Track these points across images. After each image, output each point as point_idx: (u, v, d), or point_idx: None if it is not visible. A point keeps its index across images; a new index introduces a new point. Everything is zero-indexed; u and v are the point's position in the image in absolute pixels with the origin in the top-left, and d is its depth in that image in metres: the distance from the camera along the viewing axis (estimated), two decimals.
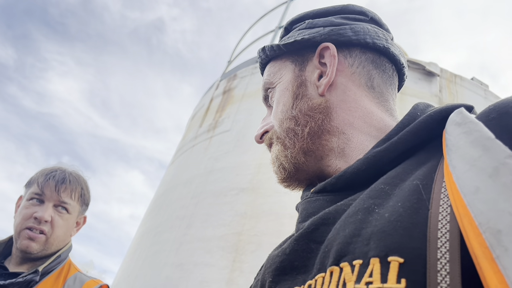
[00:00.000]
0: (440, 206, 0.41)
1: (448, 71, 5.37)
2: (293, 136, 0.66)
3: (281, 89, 0.71)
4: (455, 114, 0.50)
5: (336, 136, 0.65)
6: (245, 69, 5.82)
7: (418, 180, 0.46)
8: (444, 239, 0.37)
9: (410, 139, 0.54)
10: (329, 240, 0.47)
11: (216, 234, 4.01)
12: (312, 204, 0.58)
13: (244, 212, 4.04)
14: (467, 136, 0.43)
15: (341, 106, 0.66)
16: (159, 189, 5.70)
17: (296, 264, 0.50)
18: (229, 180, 4.39)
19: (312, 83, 0.68)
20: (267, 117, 0.76)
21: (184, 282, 3.82)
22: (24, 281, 1.26)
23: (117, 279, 5.10)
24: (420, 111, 0.60)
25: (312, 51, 0.70)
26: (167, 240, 4.39)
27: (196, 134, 5.54)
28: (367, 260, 0.40)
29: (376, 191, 0.49)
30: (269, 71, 0.76)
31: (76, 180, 1.44)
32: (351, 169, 0.56)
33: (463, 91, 5.27)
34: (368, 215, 0.45)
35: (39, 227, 1.33)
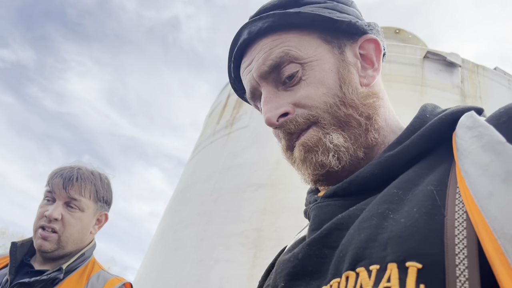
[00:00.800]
0: (455, 212, 0.40)
1: (470, 62, 5.25)
2: (357, 126, 0.59)
3: (322, 69, 0.61)
4: (466, 118, 0.49)
5: (377, 131, 0.61)
6: None
7: (431, 186, 0.45)
8: (461, 245, 0.37)
9: (422, 143, 0.53)
10: (344, 245, 0.46)
11: (236, 230, 4.01)
12: (324, 210, 0.56)
13: (263, 207, 4.03)
14: (478, 140, 0.43)
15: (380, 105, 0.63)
16: (179, 186, 5.74)
17: (309, 270, 0.49)
18: (248, 176, 4.39)
19: (355, 71, 0.63)
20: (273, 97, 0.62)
21: (205, 278, 3.84)
22: (48, 278, 1.27)
23: (139, 275, 5.16)
24: (429, 113, 0.59)
25: (349, 37, 0.65)
26: (187, 236, 4.42)
27: (214, 131, 5.55)
28: (385, 265, 0.39)
29: (389, 195, 0.48)
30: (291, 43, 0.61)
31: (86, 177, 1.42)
32: (363, 174, 0.54)
33: (486, 81, 5.14)
34: (383, 220, 0.44)
35: (50, 226, 1.33)
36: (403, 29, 7.95)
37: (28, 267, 1.35)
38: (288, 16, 0.62)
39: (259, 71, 0.62)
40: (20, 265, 1.36)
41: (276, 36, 0.62)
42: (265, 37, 0.63)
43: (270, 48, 0.62)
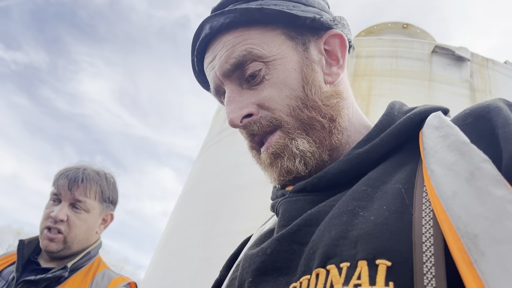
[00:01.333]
0: (422, 211, 0.41)
1: (480, 55, 5.17)
2: (321, 129, 0.59)
3: (286, 68, 0.59)
4: (433, 117, 0.50)
5: (342, 132, 0.61)
6: None
7: (400, 184, 0.46)
8: (428, 243, 0.38)
9: (391, 141, 0.54)
10: (314, 242, 0.46)
11: (243, 228, 4.01)
12: (293, 205, 0.55)
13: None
14: (444, 140, 0.44)
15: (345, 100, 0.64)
16: (187, 184, 5.76)
17: (278, 265, 0.48)
18: (255, 174, 4.38)
19: (319, 69, 0.62)
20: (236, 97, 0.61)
21: (213, 276, 3.84)
22: (53, 276, 1.29)
23: (148, 273, 5.20)
24: (397, 111, 0.60)
25: (313, 33, 0.63)
26: (195, 234, 4.43)
27: (221, 129, 5.55)
28: (355, 262, 0.40)
29: (359, 193, 0.48)
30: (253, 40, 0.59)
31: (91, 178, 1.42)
32: (332, 170, 0.54)
33: (495, 75, 5.06)
34: (353, 217, 0.45)
35: (56, 227, 1.34)
36: (411, 24, 7.87)
37: (35, 264, 1.38)
38: (250, 12, 0.59)
39: (222, 69, 0.61)
40: (27, 262, 1.39)
41: (238, 33, 0.60)
42: (228, 33, 0.61)
43: (232, 46, 0.60)
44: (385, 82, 4.74)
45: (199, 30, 0.64)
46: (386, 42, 5.22)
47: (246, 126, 0.60)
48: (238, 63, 0.60)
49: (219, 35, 0.62)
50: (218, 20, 0.61)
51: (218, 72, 0.62)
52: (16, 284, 1.29)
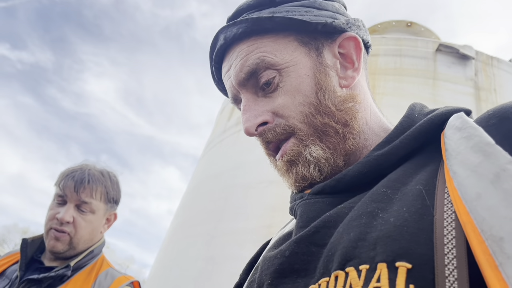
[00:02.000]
0: (444, 212, 0.40)
1: (484, 54, 5.14)
2: (335, 134, 0.59)
3: (299, 75, 0.60)
4: (455, 118, 0.49)
5: (358, 135, 0.61)
6: None
7: (421, 185, 0.45)
8: (450, 245, 0.37)
9: (411, 143, 0.53)
10: (333, 243, 0.46)
11: (246, 227, 4.02)
12: (312, 207, 0.55)
13: (274, 204, 4.03)
14: (468, 141, 0.43)
15: (362, 103, 0.63)
16: (191, 183, 5.78)
17: (296, 267, 0.48)
18: (258, 173, 4.39)
19: (333, 74, 0.62)
20: (252, 105, 0.62)
21: (216, 275, 3.86)
22: (56, 275, 1.29)
23: (153, 272, 5.22)
24: (417, 113, 0.59)
25: (327, 37, 0.63)
26: (198, 233, 4.44)
27: (224, 128, 5.56)
28: (374, 265, 0.39)
29: (378, 194, 0.48)
30: (267, 49, 0.60)
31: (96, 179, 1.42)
32: (351, 172, 0.54)
33: (500, 73, 5.03)
34: (372, 219, 0.44)
35: (61, 228, 1.34)
36: (415, 22, 7.84)
37: (38, 263, 1.39)
38: (261, 21, 0.60)
39: (237, 79, 0.62)
40: (30, 261, 1.39)
41: (251, 42, 0.61)
42: (241, 42, 0.62)
43: (246, 55, 0.61)
44: (389, 81, 4.72)
45: (214, 40, 0.65)
46: (390, 41, 5.20)
47: (261, 134, 0.61)
48: (252, 71, 0.60)
49: (233, 45, 0.63)
50: (231, 31, 0.62)
51: (234, 82, 0.63)
52: (20, 282, 1.29)
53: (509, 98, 4.82)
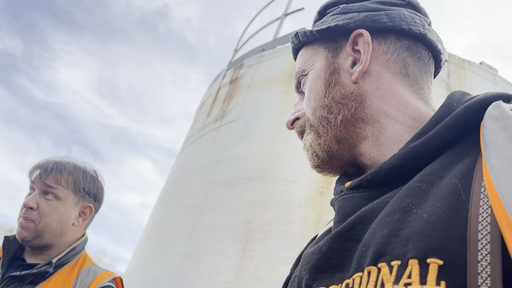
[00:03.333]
0: (480, 207, 0.40)
1: (456, 56, 5.32)
2: (326, 124, 0.65)
3: (314, 77, 0.70)
4: (493, 108, 0.47)
5: (370, 124, 0.63)
6: (251, 58, 5.81)
7: (456, 179, 0.44)
8: (484, 241, 0.36)
9: (447, 132, 0.52)
10: (367, 239, 0.46)
11: (225, 223, 4.06)
12: (349, 202, 0.57)
13: (253, 201, 4.09)
14: (505, 132, 0.42)
15: (376, 93, 0.64)
16: (169, 179, 5.77)
17: (333, 262, 0.50)
18: (238, 170, 4.43)
19: (345, 70, 0.66)
20: (298, 104, 0.75)
21: (196, 270, 3.90)
22: (38, 272, 1.29)
23: (130, 267, 5.20)
24: (456, 101, 0.58)
25: (346, 37, 0.68)
26: (177, 229, 4.46)
27: (204, 124, 5.57)
28: (406, 261, 0.39)
29: (413, 189, 0.47)
30: (302, 58, 0.74)
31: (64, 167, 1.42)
32: (387, 165, 0.54)
33: (471, 76, 5.22)
34: (406, 215, 0.44)
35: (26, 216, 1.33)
36: None
37: (20, 260, 1.39)
38: (299, 37, 0.74)
39: (294, 83, 0.77)
40: (13, 259, 1.39)
41: (301, 52, 0.76)
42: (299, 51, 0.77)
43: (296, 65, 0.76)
44: None
45: None
46: None
47: (294, 127, 0.74)
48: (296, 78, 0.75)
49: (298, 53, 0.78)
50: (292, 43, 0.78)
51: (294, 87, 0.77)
52: (2, 279, 1.30)
53: None
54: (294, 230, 3.84)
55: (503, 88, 5.36)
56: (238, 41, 7.78)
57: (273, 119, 4.68)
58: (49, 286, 1.31)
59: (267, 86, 5.11)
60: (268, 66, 5.41)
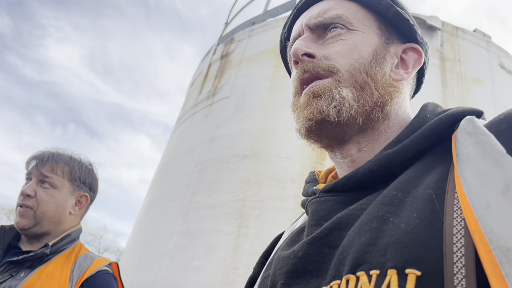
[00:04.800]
0: (454, 219, 0.41)
1: (450, 24, 5.23)
2: (370, 94, 0.62)
3: (363, 39, 0.64)
4: (466, 123, 0.49)
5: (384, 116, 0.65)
6: (241, 32, 5.70)
7: (431, 189, 0.46)
8: (459, 254, 0.37)
9: (421, 142, 0.54)
10: (344, 247, 0.47)
11: (220, 201, 4.09)
12: (323, 205, 0.57)
13: (247, 178, 4.10)
14: (478, 147, 0.43)
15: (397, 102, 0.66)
16: (163, 158, 5.76)
17: (309, 268, 0.50)
18: (231, 147, 4.42)
19: (389, 63, 0.67)
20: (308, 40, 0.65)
21: (192, 248, 3.95)
22: (35, 255, 1.33)
23: (128, 247, 5.26)
24: (429, 113, 0.61)
25: (400, 37, 0.70)
26: (173, 208, 4.49)
27: (196, 102, 5.52)
28: (384, 271, 0.40)
29: (389, 197, 0.48)
30: (351, 11, 0.66)
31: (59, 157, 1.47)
32: (362, 170, 0.55)
33: (465, 44, 5.15)
34: (383, 223, 0.45)
35: (24, 203, 1.38)
36: None
37: (16, 249, 1.42)
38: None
39: (309, 21, 0.67)
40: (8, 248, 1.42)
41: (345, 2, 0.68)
42: None
43: (328, 8, 0.67)
44: None
45: None
46: None
47: (303, 60, 0.64)
48: (326, 22, 0.66)
49: None
50: None
51: (304, 22, 0.68)
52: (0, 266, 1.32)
53: (472, 69, 4.97)
54: (289, 206, 3.87)
55: (496, 55, 5.30)
56: (228, 14, 7.63)
57: (264, 95, 4.63)
58: (48, 269, 1.33)
59: (258, 61, 5.04)
60: (259, 40, 5.32)
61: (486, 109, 5.08)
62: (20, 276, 1.29)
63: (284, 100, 4.46)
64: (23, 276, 1.29)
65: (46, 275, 1.31)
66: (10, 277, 1.29)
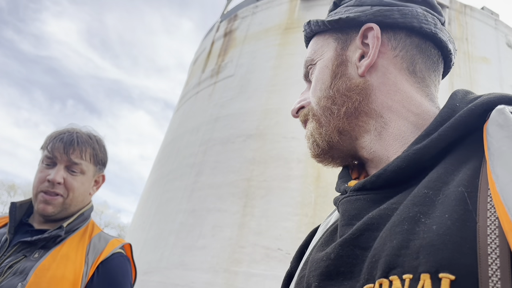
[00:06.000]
0: (487, 218, 0.40)
1: (458, 2, 5.14)
2: (329, 114, 0.66)
3: (321, 67, 0.70)
4: (497, 114, 0.47)
5: (373, 118, 0.64)
6: (246, 8, 5.60)
7: (463, 187, 0.45)
8: (494, 255, 0.37)
9: (450, 135, 0.52)
10: (376, 250, 0.47)
11: (226, 181, 4.09)
12: (353, 205, 0.57)
13: (252, 158, 4.09)
14: (510, 141, 0.42)
15: (381, 88, 0.65)
16: (166, 137, 5.74)
17: (341, 270, 0.50)
18: (236, 127, 4.40)
19: (353, 63, 0.67)
20: (305, 92, 0.75)
21: (198, 227, 3.97)
22: (50, 236, 1.30)
23: (133, 225, 5.30)
24: (459, 101, 0.58)
25: (356, 30, 0.69)
26: (178, 187, 4.50)
27: (199, 80, 5.46)
28: (417, 275, 0.40)
29: (420, 197, 0.48)
30: (312, 48, 0.74)
31: (85, 140, 1.44)
32: (391, 167, 0.55)
33: (473, 22, 5.07)
34: (415, 225, 0.44)
35: (53, 190, 1.36)
36: None
37: (27, 226, 1.39)
38: (311, 26, 0.74)
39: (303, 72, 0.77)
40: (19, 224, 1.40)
41: (312, 41, 0.76)
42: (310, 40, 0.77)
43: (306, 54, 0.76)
44: None
45: None
46: None
47: (299, 116, 0.75)
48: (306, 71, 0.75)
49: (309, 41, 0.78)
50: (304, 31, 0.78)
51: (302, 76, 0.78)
52: (12, 245, 1.30)
53: (480, 48, 4.91)
54: (294, 186, 3.88)
55: (504, 33, 5.23)
56: None
57: (270, 74, 4.58)
58: (63, 250, 1.32)
59: (263, 39, 4.96)
60: (264, 17, 5.22)
61: (493, 89, 5.04)
62: (34, 257, 1.27)
63: (289, 79, 4.41)
64: (38, 257, 1.27)
65: (61, 257, 1.29)
66: (23, 257, 1.27)
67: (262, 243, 3.67)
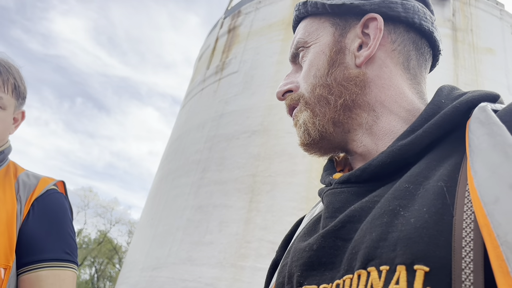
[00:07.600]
0: (464, 212, 0.41)
1: None
2: (325, 104, 0.64)
3: (316, 51, 0.67)
4: (479, 111, 0.48)
5: (366, 112, 0.63)
6: (249, 4, 5.61)
7: (442, 182, 0.45)
8: (468, 248, 0.37)
9: (435, 132, 0.53)
10: (356, 241, 0.48)
11: (231, 177, 4.13)
12: (338, 197, 0.58)
13: (257, 154, 4.12)
14: (490, 138, 0.43)
15: (375, 81, 0.64)
16: (173, 134, 5.79)
17: (323, 261, 0.51)
18: (241, 123, 4.43)
19: (351, 52, 0.66)
20: (291, 75, 0.72)
21: (205, 223, 4.03)
22: None
23: (141, 222, 5.37)
24: (444, 98, 0.59)
25: (357, 18, 0.67)
26: (185, 184, 4.55)
27: (204, 77, 5.49)
28: (394, 266, 0.41)
29: (401, 190, 0.48)
30: (305, 29, 0.71)
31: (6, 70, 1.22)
32: (375, 162, 0.56)
33: (477, 13, 5.03)
34: (394, 218, 0.45)
35: None
36: None
37: None
38: (308, 7, 0.71)
39: (290, 53, 0.74)
40: None
41: (303, 23, 0.73)
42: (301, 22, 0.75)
43: (297, 35, 0.73)
44: None
45: None
46: None
47: (284, 99, 0.71)
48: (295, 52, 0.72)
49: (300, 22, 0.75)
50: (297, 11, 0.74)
51: (289, 55, 0.74)
52: None
53: (484, 39, 4.87)
54: (299, 181, 3.91)
55: (509, 24, 5.18)
56: None
57: (273, 70, 4.60)
58: None
59: (266, 34, 4.97)
60: (267, 12, 5.23)
61: (498, 80, 5.00)
62: None
63: None
64: None
65: None
66: None
67: (268, 238, 3.71)
